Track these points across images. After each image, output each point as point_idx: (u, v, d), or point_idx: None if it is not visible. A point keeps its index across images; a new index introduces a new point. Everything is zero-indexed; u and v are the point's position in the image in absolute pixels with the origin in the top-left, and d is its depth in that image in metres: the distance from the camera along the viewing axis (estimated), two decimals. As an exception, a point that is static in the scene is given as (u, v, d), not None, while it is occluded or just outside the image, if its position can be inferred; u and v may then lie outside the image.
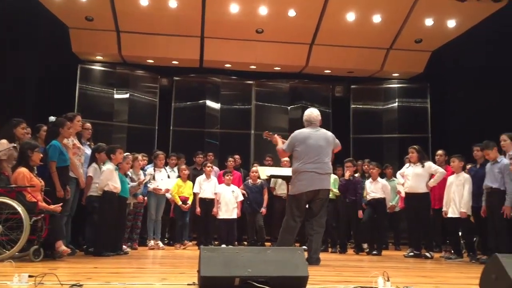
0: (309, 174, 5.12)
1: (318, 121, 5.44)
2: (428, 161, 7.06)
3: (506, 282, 3.15)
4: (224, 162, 8.98)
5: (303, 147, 5.19)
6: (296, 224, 5.19)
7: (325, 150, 5.26)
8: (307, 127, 5.39)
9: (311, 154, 5.16)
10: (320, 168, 5.17)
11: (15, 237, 4.70)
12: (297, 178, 5.20)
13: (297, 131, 5.38)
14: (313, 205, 5.21)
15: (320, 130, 5.38)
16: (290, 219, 5.19)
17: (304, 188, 5.13)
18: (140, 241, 7.48)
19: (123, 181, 6.28)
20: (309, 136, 5.25)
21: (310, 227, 5.25)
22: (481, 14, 8.75)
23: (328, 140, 5.33)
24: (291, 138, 5.31)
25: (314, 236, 5.18)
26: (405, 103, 11.31)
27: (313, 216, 5.23)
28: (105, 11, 9.01)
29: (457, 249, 6.78)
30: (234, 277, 3.04)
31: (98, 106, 10.35)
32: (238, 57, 10.42)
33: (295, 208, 5.17)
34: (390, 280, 3.35)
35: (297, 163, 5.23)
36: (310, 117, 5.42)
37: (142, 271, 4.55)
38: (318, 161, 5.17)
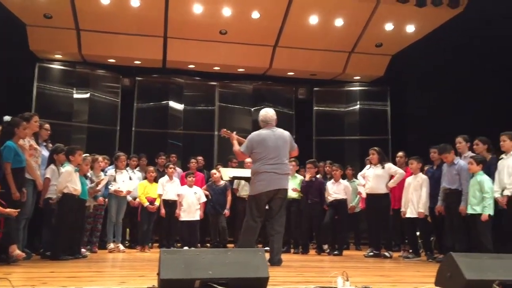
0: (268, 175, 5.14)
1: (274, 121, 5.46)
2: (388, 163, 7.22)
3: (460, 280, 3.25)
4: (187, 164, 8.91)
5: (262, 148, 5.20)
6: (256, 224, 5.19)
7: (283, 151, 5.30)
8: (264, 127, 5.40)
9: (270, 155, 5.18)
10: (279, 168, 5.19)
11: (-33, 241, 4.52)
12: (256, 179, 5.21)
13: (255, 132, 5.38)
14: (273, 205, 5.23)
15: (277, 130, 5.41)
16: (250, 219, 5.19)
17: (263, 188, 5.14)
18: (100, 244, 7.32)
19: (82, 183, 6.13)
20: (267, 137, 5.26)
21: (270, 227, 5.27)
22: (439, 20, 9.02)
23: (285, 140, 5.37)
24: (248, 140, 5.30)
25: (275, 236, 5.19)
26: (366, 106, 11.53)
27: (273, 216, 5.24)
28: (64, 9, 8.79)
29: (415, 248, 6.95)
30: (194, 279, 3.01)
31: (57, 106, 10.09)
32: (201, 58, 10.37)
33: (255, 209, 5.18)
34: (349, 280, 3.40)
35: (256, 164, 5.24)
36: (266, 117, 5.43)
37: (100, 274, 4.45)
38: (277, 161, 5.19)
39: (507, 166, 5.65)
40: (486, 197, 5.66)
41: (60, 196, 5.70)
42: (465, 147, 6.48)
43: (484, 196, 5.68)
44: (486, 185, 5.70)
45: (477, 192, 5.76)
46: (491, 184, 5.73)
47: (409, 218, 6.79)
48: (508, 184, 5.56)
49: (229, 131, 5.63)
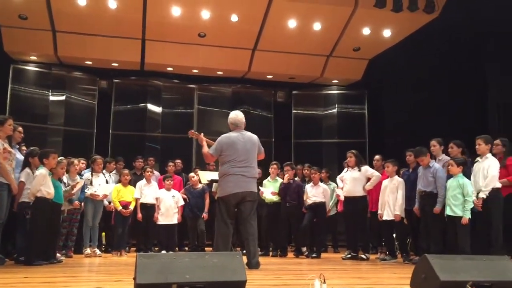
0: (236, 177, 5.15)
1: (243, 124, 5.47)
2: (365, 165, 7.28)
3: (435, 281, 3.30)
4: (165, 167, 8.85)
5: (231, 151, 5.21)
6: (227, 226, 5.18)
7: (252, 154, 5.32)
8: (233, 130, 5.40)
9: (239, 158, 5.20)
10: (247, 171, 5.22)
11: None
12: (224, 181, 5.21)
13: (224, 135, 5.37)
14: (243, 208, 5.23)
15: (246, 133, 5.42)
16: (221, 222, 5.19)
17: (231, 190, 5.15)
18: (76, 249, 7.21)
19: (57, 186, 6.03)
20: (236, 140, 5.27)
21: (244, 231, 5.26)
22: (415, 25, 9.17)
23: (254, 143, 5.39)
24: (218, 143, 5.29)
25: (250, 239, 5.18)
26: (344, 109, 11.64)
27: (245, 219, 5.23)
28: (40, 10, 8.66)
29: (392, 250, 7.03)
30: (171, 284, 2.99)
31: (32, 108, 9.92)
32: (180, 60, 10.33)
33: (224, 211, 5.18)
34: (326, 282, 3.41)
35: (224, 166, 5.24)
36: (236, 120, 5.44)
37: (76, 279, 4.38)
38: (245, 164, 5.22)
39: (482, 169, 5.76)
40: (468, 201, 5.71)
41: (33, 200, 5.60)
42: (439, 150, 6.59)
43: (466, 199, 5.72)
44: (469, 188, 5.74)
45: (458, 195, 5.79)
46: (472, 187, 5.79)
47: (386, 221, 6.87)
48: (483, 187, 5.67)
49: (196, 132, 5.60)
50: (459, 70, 9.10)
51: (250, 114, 11.50)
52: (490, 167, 5.66)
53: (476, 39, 8.79)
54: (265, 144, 11.09)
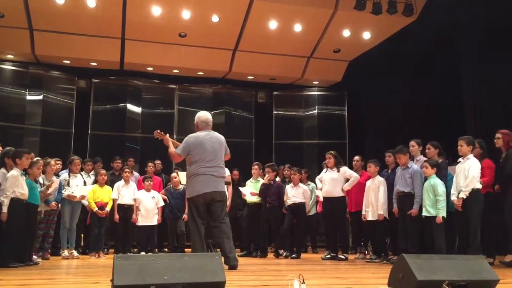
0: (205, 177, 5.14)
1: (211, 124, 5.49)
2: (343, 166, 7.33)
3: (412, 281, 3.34)
4: (145, 168, 8.78)
5: (199, 150, 5.19)
6: (199, 226, 5.15)
7: (220, 154, 5.33)
8: (202, 129, 5.38)
9: (207, 158, 5.19)
10: (216, 171, 5.22)
11: None
12: (193, 181, 5.18)
13: (192, 135, 5.34)
14: (214, 209, 5.21)
15: (213, 133, 5.42)
16: (193, 223, 5.17)
17: (200, 190, 5.13)
18: (53, 251, 7.11)
19: (34, 187, 5.93)
20: (204, 140, 5.26)
21: (218, 231, 5.21)
22: (394, 27, 9.28)
23: (221, 143, 5.40)
24: (186, 142, 5.26)
25: (225, 238, 5.17)
26: (324, 110, 11.71)
27: (217, 220, 5.21)
28: (17, 8, 8.51)
29: (377, 250, 7.01)
30: (149, 285, 2.96)
31: (9, 108, 9.74)
32: (160, 60, 10.27)
33: (195, 211, 5.16)
34: (305, 283, 3.43)
35: (192, 166, 5.21)
36: (208, 119, 5.45)
37: (53, 282, 4.31)
38: (214, 164, 5.21)
39: (463, 169, 5.84)
40: (439, 200, 5.85)
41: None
42: (417, 151, 6.69)
43: (437, 199, 5.86)
44: (440, 188, 5.88)
45: (430, 195, 5.94)
46: (443, 187, 5.91)
47: (368, 221, 6.91)
48: (464, 187, 5.76)
49: (162, 133, 5.55)
50: (437, 72, 9.25)
51: (231, 114, 11.51)
52: (471, 168, 5.75)
53: (453, 41, 8.94)
54: (246, 144, 11.27)
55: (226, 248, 5.13)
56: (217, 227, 5.21)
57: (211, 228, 5.24)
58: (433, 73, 9.29)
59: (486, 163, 6.12)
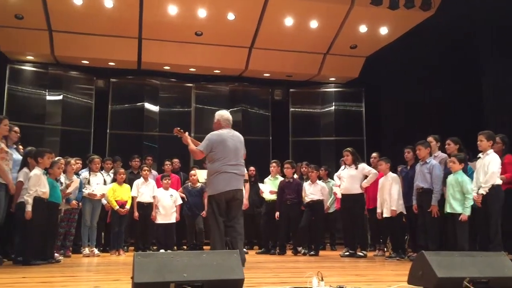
0: (228, 175, 5.15)
1: (232, 124, 5.51)
2: (362, 163, 7.29)
3: (432, 278, 3.32)
4: (163, 166, 8.85)
5: (222, 148, 5.20)
6: (220, 224, 5.15)
7: (241, 153, 5.36)
8: (224, 127, 5.40)
9: (230, 156, 5.20)
10: (238, 169, 5.25)
11: None
12: (216, 179, 5.18)
13: (214, 132, 5.35)
14: (232, 206, 5.22)
15: (234, 132, 5.45)
16: (213, 220, 5.16)
17: (223, 188, 5.13)
18: (74, 249, 7.21)
19: (55, 186, 6.03)
20: (227, 138, 5.28)
21: (232, 230, 5.22)
22: (411, 22, 9.17)
23: (242, 142, 5.43)
24: (209, 140, 5.26)
25: (239, 238, 5.19)
26: (341, 107, 11.64)
27: (234, 218, 5.23)
28: (36, 9, 8.63)
29: (396, 247, 6.96)
30: (169, 282, 2.99)
31: (29, 108, 9.90)
32: (177, 59, 10.32)
33: (216, 209, 5.16)
34: (324, 280, 3.43)
35: (215, 164, 5.20)
36: (230, 119, 5.48)
37: (74, 279, 4.38)
38: (236, 163, 5.24)
39: (483, 165, 5.74)
40: (468, 198, 5.70)
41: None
42: (435, 147, 6.61)
43: (466, 197, 5.72)
44: (468, 186, 5.73)
45: (456, 192, 5.78)
46: (471, 185, 5.78)
47: (385, 218, 6.86)
48: (483, 183, 5.66)
49: (182, 130, 5.56)
50: (455, 67, 9.11)
51: (248, 112, 11.53)
52: (491, 164, 5.63)
53: (472, 36, 8.80)
54: (263, 142, 11.28)
55: (239, 248, 5.13)
56: (232, 227, 5.22)
57: (226, 227, 5.23)
58: (451, 68, 9.16)
59: (508, 159, 6.01)
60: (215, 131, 5.37)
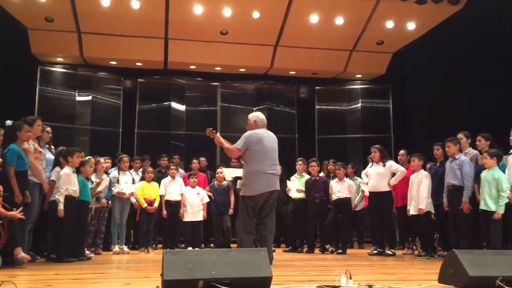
0: (267, 175, 5.15)
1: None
2: (389, 160, 7.21)
3: (463, 277, 3.26)
4: (190, 164, 8.93)
5: (259, 148, 5.20)
6: (253, 224, 5.15)
7: (276, 152, 5.38)
8: (260, 127, 5.40)
9: (268, 155, 5.21)
10: (276, 169, 5.27)
11: (-28, 245, 4.55)
12: (255, 179, 5.16)
13: (251, 131, 5.35)
14: (266, 205, 5.20)
15: (270, 132, 5.46)
16: (247, 220, 5.13)
17: (263, 189, 5.12)
18: (104, 246, 7.35)
19: (86, 185, 6.16)
20: (263, 137, 5.29)
21: (263, 228, 5.20)
22: (439, 17, 9.01)
23: (276, 142, 5.44)
24: (246, 138, 5.25)
25: (269, 237, 5.18)
26: (368, 104, 11.52)
27: (266, 216, 5.21)
28: (65, 12, 8.82)
29: (425, 246, 6.85)
30: (197, 280, 3.03)
31: (60, 109, 10.12)
32: (203, 58, 10.38)
33: (251, 209, 5.13)
34: (352, 278, 3.41)
35: (254, 163, 5.18)
36: (264, 119, 5.49)
37: (105, 276, 4.47)
38: (274, 162, 5.25)
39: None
40: (503, 196, 5.57)
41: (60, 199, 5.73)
42: (465, 143, 6.49)
43: (501, 194, 5.58)
44: (504, 184, 5.59)
45: (492, 189, 5.64)
46: (508, 183, 5.62)
47: (414, 216, 6.78)
48: None
49: (214, 131, 5.58)
50: (485, 62, 8.90)
51: (273, 110, 11.52)
52: (525, 159, 5.51)
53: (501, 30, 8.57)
54: (289, 140, 11.26)
55: (268, 246, 5.13)
56: (263, 224, 5.21)
57: (257, 224, 5.22)
58: (481, 63, 8.95)
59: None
60: (252, 130, 5.37)
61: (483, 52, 8.81)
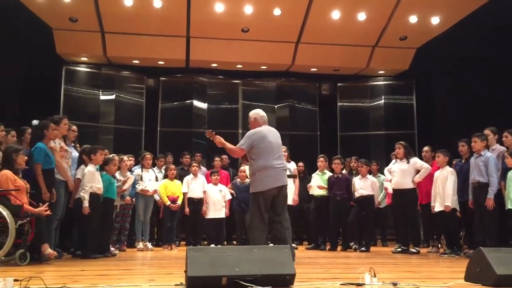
0: (276, 170, 5.11)
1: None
2: (414, 157, 7.12)
3: (491, 275, 3.20)
4: (212, 162, 8.97)
5: (265, 144, 5.17)
6: (266, 222, 5.09)
7: (281, 147, 5.38)
8: (262, 124, 5.37)
9: (274, 151, 5.19)
10: (282, 164, 5.24)
11: (0, 241, 4.66)
12: (263, 174, 5.10)
13: (254, 130, 5.32)
14: (278, 201, 5.16)
15: (272, 128, 5.44)
16: (259, 218, 5.06)
17: (272, 184, 5.08)
18: (128, 243, 7.45)
19: (112, 183, 6.25)
20: (267, 134, 5.26)
21: (280, 225, 5.14)
22: (465, 10, 8.84)
23: (280, 138, 5.42)
24: (249, 137, 5.22)
25: (286, 233, 5.11)
26: (391, 100, 11.38)
27: (280, 214, 5.16)
28: (89, 12, 8.94)
29: (450, 243, 6.76)
30: (221, 277, 3.04)
31: (84, 108, 10.27)
32: (224, 56, 10.40)
33: (263, 205, 5.07)
34: (376, 276, 3.38)
35: (260, 160, 5.14)
36: (265, 116, 5.46)
37: (129, 272, 4.53)
38: (280, 157, 5.23)
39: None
40: None
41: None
42: (492, 140, 6.36)
43: None
44: None
45: None
46: None
47: (439, 213, 6.68)
48: None
49: (213, 133, 5.57)
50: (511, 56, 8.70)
51: (295, 107, 11.49)
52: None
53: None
54: (311, 137, 11.21)
55: (288, 243, 5.06)
56: (279, 222, 5.15)
57: (272, 222, 5.17)
58: (506, 58, 8.75)
59: None
60: (254, 129, 5.36)
61: (510, 46, 8.61)
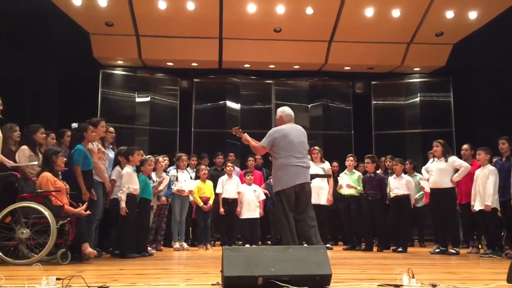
0: (296, 168, 5.06)
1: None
2: (452, 156, 6.95)
3: (535, 277, 3.09)
4: (245, 162, 9.01)
5: (286, 142, 5.13)
6: (290, 220, 5.02)
7: (305, 145, 5.29)
8: (287, 122, 5.34)
9: (295, 149, 5.13)
10: (304, 162, 5.16)
11: (43, 241, 4.81)
12: (284, 172, 5.07)
13: (276, 128, 5.31)
14: (301, 200, 5.09)
15: (297, 126, 5.38)
16: (283, 216, 5.02)
17: (293, 182, 5.02)
18: (165, 243, 7.55)
19: (148, 183, 6.35)
20: (290, 132, 5.22)
21: (304, 224, 5.07)
22: (502, 5, 8.56)
23: (305, 135, 5.35)
24: (271, 135, 5.22)
25: (312, 231, 5.04)
26: (427, 98, 11.15)
27: (303, 212, 5.09)
28: (124, 16, 9.12)
29: (491, 243, 6.58)
30: (257, 277, 3.05)
31: (120, 110, 10.50)
32: (256, 56, 10.42)
33: (286, 203, 5.02)
34: (415, 277, 3.32)
35: (281, 158, 5.12)
36: (292, 114, 5.42)
37: (166, 272, 4.59)
38: (302, 155, 5.16)
39: None
40: None
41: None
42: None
43: None
44: None
45: None
46: None
47: (479, 212, 6.50)
48: None
49: (240, 129, 5.57)
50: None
51: (329, 107, 11.41)
52: None
53: None
54: (345, 136, 11.10)
55: (314, 242, 4.98)
56: (303, 221, 5.07)
57: (296, 221, 5.09)
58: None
59: None
60: (277, 127, 5.35)
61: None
